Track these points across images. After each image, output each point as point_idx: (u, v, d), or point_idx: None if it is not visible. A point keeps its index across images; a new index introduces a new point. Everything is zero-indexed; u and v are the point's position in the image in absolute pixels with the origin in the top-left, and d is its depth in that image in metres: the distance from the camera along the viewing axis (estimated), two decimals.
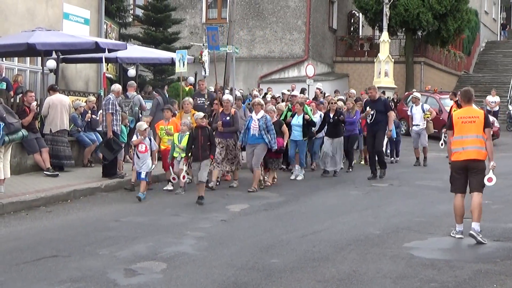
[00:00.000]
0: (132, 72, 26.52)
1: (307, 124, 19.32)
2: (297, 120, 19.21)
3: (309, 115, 19.42)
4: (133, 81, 22.14)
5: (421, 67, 43.04)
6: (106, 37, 27.14)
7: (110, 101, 17.21)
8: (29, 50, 18.94)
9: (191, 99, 19.05)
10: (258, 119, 17.05)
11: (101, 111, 18.34)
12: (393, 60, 39.81)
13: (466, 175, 11.68)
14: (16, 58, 23.37)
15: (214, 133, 16.66)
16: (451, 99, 27.05)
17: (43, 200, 14.34)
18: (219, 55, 34.11)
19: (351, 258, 10.08)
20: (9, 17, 22.48)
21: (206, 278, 9.07)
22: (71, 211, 13.91)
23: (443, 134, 25.09)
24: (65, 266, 9.59)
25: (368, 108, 19.12)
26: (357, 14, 46.75)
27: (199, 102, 22.56)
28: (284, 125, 18.27)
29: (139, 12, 37.59)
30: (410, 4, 39.25)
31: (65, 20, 24.35)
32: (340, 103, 21.35)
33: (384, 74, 39.02)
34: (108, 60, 23.92)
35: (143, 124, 16.30)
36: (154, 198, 15.55)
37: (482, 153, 11.78)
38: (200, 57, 23.32)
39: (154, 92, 24.46)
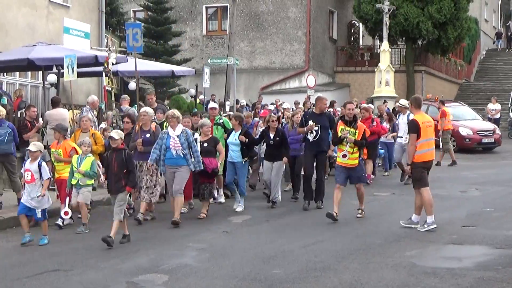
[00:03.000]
0: (132, 85, 26.56)
1: (247, 143, 16.00)
2: (234, 138, 15.90)
3: (249, 132, 16.76)
4: (126, 95, 22.09)
5: (422, 75, 43.01)
6: None
7: (83, 113, 17.36)
8: (30, 65, 19.02)
9: (89, 115, 16.65)
10: (177, 136, 13.93)
11: (102, 124, 18.35)
12: (393, 69, 39.79)
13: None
14: (17, 73, 23.46)
15: (132, 153, 13.68)
16: (438, 108, 27.16)
17: None
18: (220, 66, 34.29)
19: (353, 268, 10.08)
20: (10, 32, 22.59)
21: None
22: (73, 225, 13.90)
23: (440, 138, 25.13)
24: (67, 280, 9.61)
25: (311, 122, 15.42)
26: (357, 24, 46.78)
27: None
28: (220, 143, 15.42)
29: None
30: (410, 13, 39.27)
31: (66, 34, 24.48)
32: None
33: (385, 83, 38.99)
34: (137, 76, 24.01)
35: (34, 144, 12.67)
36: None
37: None
38: (106, 64, 19.36)
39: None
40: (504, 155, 29.49)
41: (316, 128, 15.40)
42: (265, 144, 16.73)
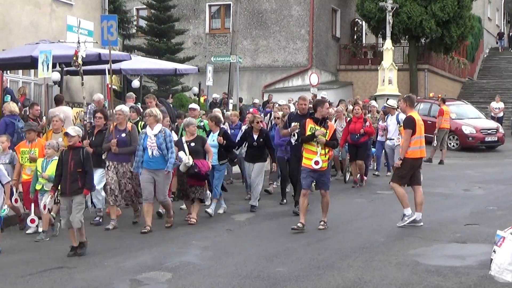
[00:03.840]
0: (136, 83, 26.57)
1: (225, 145, 15.05)
2: (212, 139, 14.99)
3: (227, 133, 15.79)
4: (131, 93, 22.04)
5: (425, 74, 42.98)
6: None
7: (88, 111, 17.36)
8: (33, 63, 19.00)
9: (61, 116, 14.95)
10: (154, 135, 13.09)
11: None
12: (396, 67, 39.76)
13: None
14: (20, 71, 23.47)
15: (105, 155, 13.55)
16: (439, 105, 27.16)
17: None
18: (223, 64, 34.29)
19: (356, 266, 10.08)
20: (13, 30, 22.60)
21: (211, 287, 9.09)
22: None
23: (435, 136, 25.17)
24: (71, 277, 9.63)
25: (294, 124, 14.39)
26: (360, 22, 46.74)
27: None
28: (208, 143, 14.50)
29: (143, 23, 37.75)
30: (413, 11, 39.23)
31: (69, 32, 24.47)
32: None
33: (388, 81, 38.96)
34: (112, 72, 23.98)
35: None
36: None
37: None
38: (75, 58, 17.68)
39: (158, 102, 24.44)
40: (507, 153, 29.50)
41: (298, 130, 14.04)
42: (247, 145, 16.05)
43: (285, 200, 16.29)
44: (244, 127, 17.55)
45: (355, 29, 47.78)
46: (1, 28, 22.25)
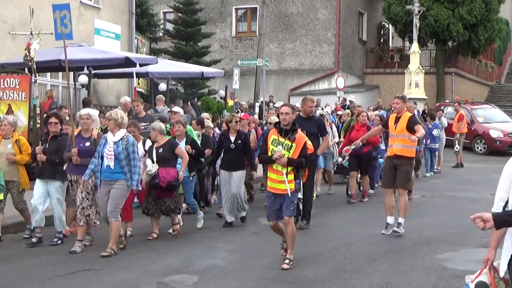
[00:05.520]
0: (163, 86, 26.70)
1: (194, 155, 13.59)
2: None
3: (195, 141, 14.07)
4: (161, 95, 22.17)
5: (452, 77, 42.81)
6: (137, 52, 27.41)
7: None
8: (61, 66, 19.16)
9: (10, 119, 12.96)
10: (114, 142, 11.22)
11: None
12: (423, 71, 39.62)
13: None
14: (48, 74, 23.66)
15: (66, 166, 11.94)
16: (456, 110, 27.01)
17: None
18: (249, 68, 34.36)
19: (383, 270, 10.04)
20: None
21: None
22: (103, 226, 13.94)
23: (456, 141, 25.06)
24: (98, 280, 9.67)
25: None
26: (387, 26, 46.67)
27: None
28: (179, 146, 12.90)
29: (170, 26, 37.96)
30: (440, 14, 39.09)
31: (97, 35, 24.68)
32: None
33: (414, 85, 38.85)
34: (139, 75, 24.15)
35: None
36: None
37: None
38: (27, 52, 16.40)
39: (188, 104, 24.51)
40: None
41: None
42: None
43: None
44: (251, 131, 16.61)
45: (382, 32, 47.73)
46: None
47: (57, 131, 12.27)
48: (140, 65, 21.16)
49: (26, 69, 19.19)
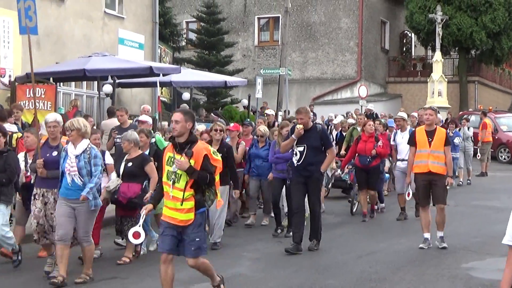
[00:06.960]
0: (186, 95, 26.80)
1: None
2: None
3: (159, 151, 11.64)
4: (185, 104, 22.26)
5: (475, 86, 42.63)
6: (160, 61, 27.56)
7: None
8: (85, 76, 19.32)
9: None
10: (76, 156, 9.65)
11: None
12: (446, 79, 39.48)
13: None
14: (73, 83, 23.88)
15: (34, 178, 10.52)
16: (480, 119, 26.90)
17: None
18: (272, 77, 34.40)
19: (408, 279, 10.02)
20: (67, 43, 23.02)
21: None
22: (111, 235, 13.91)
23: (478, 149, 24.94)
24: None
25: (298, 127, 11.96)
26: (410, 34, 46.59)
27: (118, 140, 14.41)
28: (151, 164, 11.33)
29: (192, 36, 38.13)
30: (463, 23, 38.96)
31: (120, 45, 24.86)
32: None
33: (437, 94, 38.72)
34: (162, 84, 24.26)
35: None
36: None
37: None
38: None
39: (212, 114, 24.56)
40: None
41: (301, 148, 11.96)
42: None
43: (279, 230, 13.76)
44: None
45: (404, 41, 47.64)
46: (54, 41, 22.64)
47: (1, 145, 10.59)
48: (163, 75, 21.26)
49: (51, 79, 19.37)
